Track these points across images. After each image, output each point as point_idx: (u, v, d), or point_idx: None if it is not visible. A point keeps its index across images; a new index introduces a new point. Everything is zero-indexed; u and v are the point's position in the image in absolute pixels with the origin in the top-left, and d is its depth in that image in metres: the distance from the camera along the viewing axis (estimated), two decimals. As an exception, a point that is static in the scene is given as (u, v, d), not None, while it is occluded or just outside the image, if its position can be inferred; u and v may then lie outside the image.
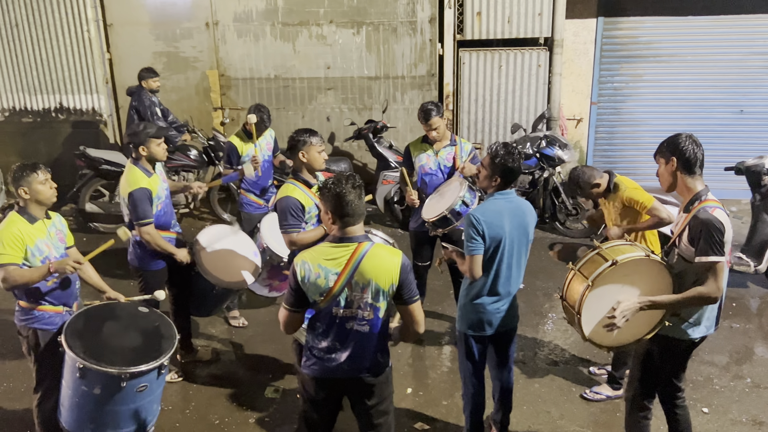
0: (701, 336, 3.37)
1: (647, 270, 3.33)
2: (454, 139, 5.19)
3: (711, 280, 3.10)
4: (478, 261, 3.55)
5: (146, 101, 7.35)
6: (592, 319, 3.41)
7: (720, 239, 3.08)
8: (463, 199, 4.61)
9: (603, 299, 3.34)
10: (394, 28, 8.08)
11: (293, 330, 3.13)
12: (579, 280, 3.45)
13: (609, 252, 3.42)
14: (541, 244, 7.19)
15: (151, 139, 4.38)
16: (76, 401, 3.55)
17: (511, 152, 3.56)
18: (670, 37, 8.18)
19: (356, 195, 2.93)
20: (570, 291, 3.51)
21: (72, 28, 8.49)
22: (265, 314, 5.79)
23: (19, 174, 3.59)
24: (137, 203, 4.29)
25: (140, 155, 4.39)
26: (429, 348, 5.27)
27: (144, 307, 3.95)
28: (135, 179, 4.34)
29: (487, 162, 3.61)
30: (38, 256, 3.61)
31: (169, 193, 4.67)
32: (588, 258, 3.50)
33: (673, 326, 3.36)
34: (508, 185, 3.62)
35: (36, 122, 8.88)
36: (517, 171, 3.59)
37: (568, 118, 8.46)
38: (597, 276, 3.32)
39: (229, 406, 4.56)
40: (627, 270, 3.32)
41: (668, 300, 3.21)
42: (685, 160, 3.23)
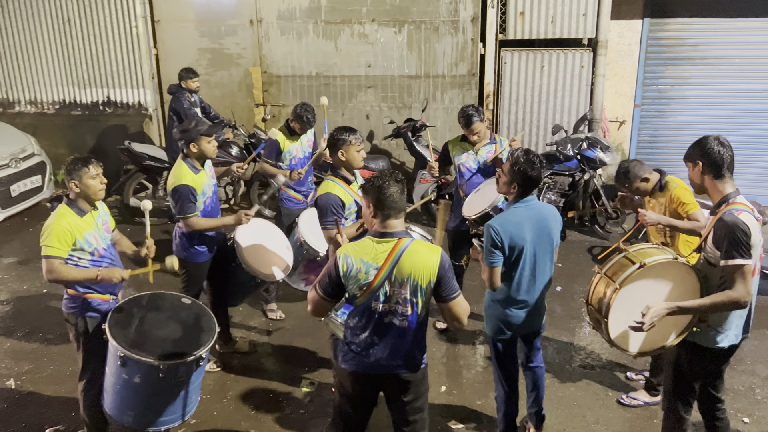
0: (730, 344, 3.31)
1: (675, 273, 3.30)
2: (494, 137, 5.20)
3: (739, 283, 3.05)
4: (497, 273, 3.55)
5: (185, 103, 7.44)
6: (618, 323, 3.39)
7: (746, 242, 3.02)
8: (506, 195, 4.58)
9: (630, 302, 3.31)
10: (436, 27, 8.08)
11: (320, 315, 3.19)
12: (605, 283, 3.43)
13: (636, 255, 3.39)
14: (579, 248, 7.12)
15: (203, 136, 4.48)
16: (118, 388, 3.66)
17: (531, 160, 3.54)
18: (718, 39, 7.99)
19: (398, 189, 2.98)
20: (596, 294, 3.50)
21: (121, 25, 8.72)
22: (302, 308, 5.85)
23: (72, 167, 3.68)
24: (179, 199, 4.42)
25: (191, 152, 4.49)
26: (463, 347, 5.27)
27: (187, 298, 4.03)
28: (180, 175, 4.45)
29: (507, 168, 3.60)
30: (87, 249, 3.71)
31: (216, 190, 4.77)
32: (615, 261, 3.47)
33: (701, 333, 3.31)
34: (527, 193, 3.60)
35: (84, 115, 9.15)
36: (536, 178, 3.57)
37: (610, 120, 8.34)
38: (624, 279, 3.30)
39: (265, 397, 4.64)
40: (655, 273, 3.30)
41: (696, 305, 3.17)
42: (711, 163, 3.18)
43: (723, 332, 3.27)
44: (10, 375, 4.90)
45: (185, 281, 4.72)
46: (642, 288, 3.32)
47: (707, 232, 3.25)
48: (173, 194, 4.44)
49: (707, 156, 3.18)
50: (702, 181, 3.25)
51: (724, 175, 3.19)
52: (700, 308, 3.17)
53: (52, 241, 3.61)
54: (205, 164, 4.63)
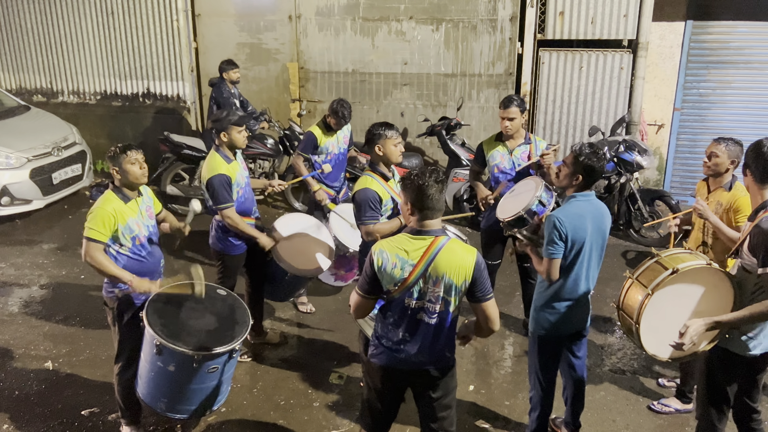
0: (763, 352, 3.24)
1: (708, 279, 3.25)
2: (529, 137, 5.11)
3: None
4: (556, 265, 3.51)
5: (225, 93, 7.58)
6: (651, 329, 3.35)
7: None
8: (540, 198, 4.51)
9: (663, 308, 3.28)
10: (474, 25, 8.05)
11: (362, 315, 3.19)
12: (637, 289, 3.38)
13: (669, 260, 3.34)
14: (613, 252, 7.03)
15: (233, 126, 4.54)
16: (152, 375, 3.73)
17: (596, 152, 3.52)
18: (763, 43, 7.79)
19: (438, 189, 2.97)
20: (627, 300, 3.45)
21: (162, 18, 8.88)
22: (332, 302, 5.91)
23: (116, 154, 3.76)
24: (216, 189, 4.47)
25: (222, 141, 4.56)
26: (493, 348, 5.26)
27: (222, 290, 4.09)
28: (215, 165, 4.52)
29: (571, 160, 3.56)
30: (128, 235, 3.79)
31: (249, 181, 4.83)
32: (647, 266, 3.43)
33: (733, 340, 3.25)
34: (589, 185, 3.57)
35: (124, 106, 9.34)
36: (600, 171, 3.53)
37: (649, 124, 8.21)
38: (657, 284, 3.25)
39: (295, 388, 4.69)
40: (688, 278, 3.25)
41: (734, 318, 3.09)
42: (757, 167, 3.13)
43: (755, 339, 3.22)
44: (49, 357, 5.04)
45: (221, 272, 4.79)
46: (674, 293, 3.28)
47: (743, 238, 3.19)
48: (208, 186, 4.50)
49: (756, 159, 3.14)
50: (746, 182, 3.20)
51: (766, 181, 3.13)
52: (738, 320, 3.10)
53: (96, 224, 3.70)
54: (236, 155, 4.69)
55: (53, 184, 7.84)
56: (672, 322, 3.17)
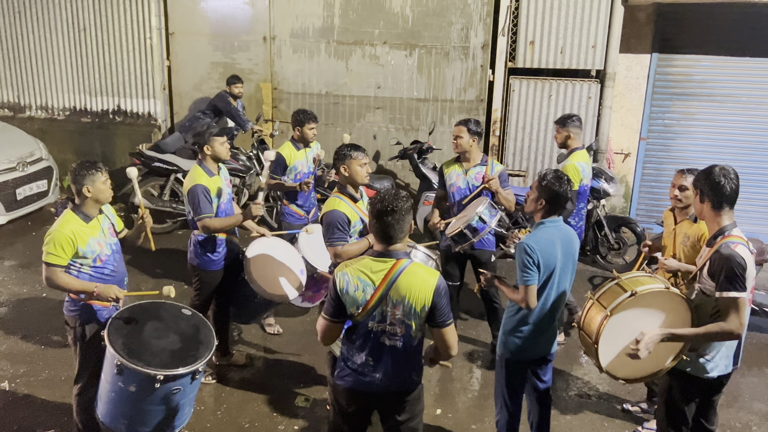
0: (720, 374, 3.32)
1: (666, 302, 3.32)
2: (486, 160, 5.21)
3: (733, 315, 3.06)
4: (533, 291, 3.51)
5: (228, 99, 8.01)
6: (609, 350, 3.41)
7: (741, 275, 3.05)
8: (481, 215, 4.65)
9: (621, 330, 3.34)
10: (447, 52, 8.17)
11: (331, 341, 3.17)
12: (597, 310, 3.45)
13: (628, 283, 3.42)
14: (580, 277, 7.09)
15: (215, 137, 4.54)
16: (113, 396, 3.64)
17: (560, 177, 3.57)
18: (725, 76, 8.06)
19: (397, 217, 2.93)
20: (588, 320, 3.51)
21: (135, 35, 8.84)
22: (299, 324, 5.86)
23: (84, 172, 3.70)
24: (195, 199, 4.46)
25: (205, 154, 4.55)
26: (461, 371, 5.25)
27: (187, 309, 4.03)
28: (195, 176, 4.53)
29: (535, 185, 3.62)
30: (89, 256, 3.73)
31: (232, 197, 4.81)
32: (607, 288, 3.50)
33: (691, 362, 3.32)
34: (553, 211, 3.61)
35: (93, 123, 9.23)
36: (563, 196, 3.57)
37: (615, 152, 8.38)
38: (615, 306, 3.32)
39: (260, 411, 4.62)
40: (646, 301, 3.32)
41: (690, 333, 3.19)
42: (711, 193, 3.20)
43: (712, 361, 3.29)
44: (5, 377, 4.89)
45: (197, 288, 4.76)
46: (633, 316, 3.35)
47: (702, 263, 3.27)
48: (189, 196, 4.49)
49: (709, 185, 3.21)
50: (702, 209, 3.28)
51: (722, 207, 3.21)
52: (694, 337, 3.20)
53: (54, 249, 3.63)
54: (220, 171, 4.68)
55: (17, 200, 7.69)
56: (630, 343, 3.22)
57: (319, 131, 8.16)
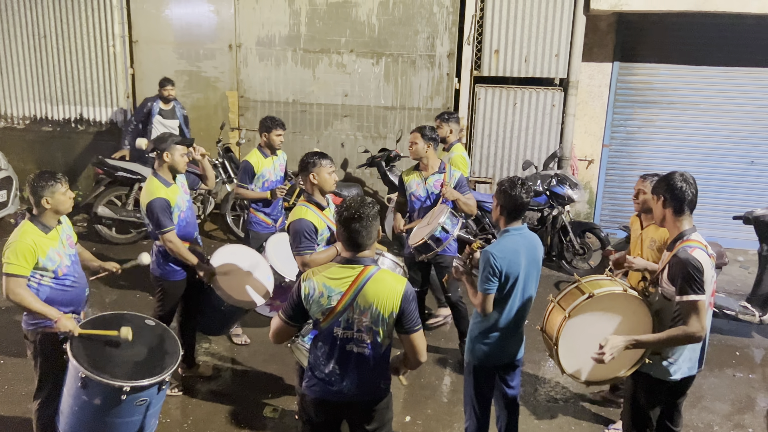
0: (683, 377, 3.38)
1: (624, 304, 3.39)
2: (444, 166, 5.26)
3: (693, 318, 3.13)
4: (490, 299, 3.55)
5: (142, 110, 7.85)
6: (569, 351, 3.48)
7: (699, 278, 3.12)
8: (443, 225, 4.69)
9: (580, 331, 3.40)
10: (413, 60, 8.23)
11: (281, 341, 3.17)
12: (557, 312, 3.51)
13: (587, 285, 3.49)
14: (546, 282, 7.19)
15: (176, 146, 4.48)
16: (76, 410, 3.56)
17: (514, 183, 3.59)
18: (684, 85, 8.27)
19: (364, 224, 2.94)
20: (549, 322, 3.59)
21: (98, 43, 8.71)
22: (267, 334, 5.76)
23: (44, 183, 3.62)
24: (156, 213, 4.38)
25: (163, 162, 4.48)
26: (430, 379, 5.27)
27: (151, 320, 3.97)
28: (153, 189, 4.43)
29: (495, 193, 3.67)
30: (50, 267, 3.65)
31: (191, 205, 4.75)
32: (567, 291, 3.58)
33: (655, 365, 3.39)
34: (514, 218, 3.64)
35: (55, 132, 9.05)
36: (520, 203, 3.59)
37: (579, 159, 8.53)
38: (573, 308, 3.38)
39: (227, 422, 4.56)
40: (603, 304, 3.39)
41: (653, 339, 3.25)
42: (672, 198, 3.28)
43: (675, 364, 3.35)
44: (-38, 393, 4.76)
45: (160, 299, 4.68)
46: (591, 317, 3.41)
47: (662, 267, 3.35)
48: (148, 211, 4.40)
49: (670, 191, 3.28)
50: (663, 214, 3.35)
51: (683, 212, 3.29)
52: (656, 342, 3.26)
53: (15, 259, 3.54)
54: (176, 178, 4.61)
55: (-25, 210, 7.48)
56: (591, 344, 3.28)
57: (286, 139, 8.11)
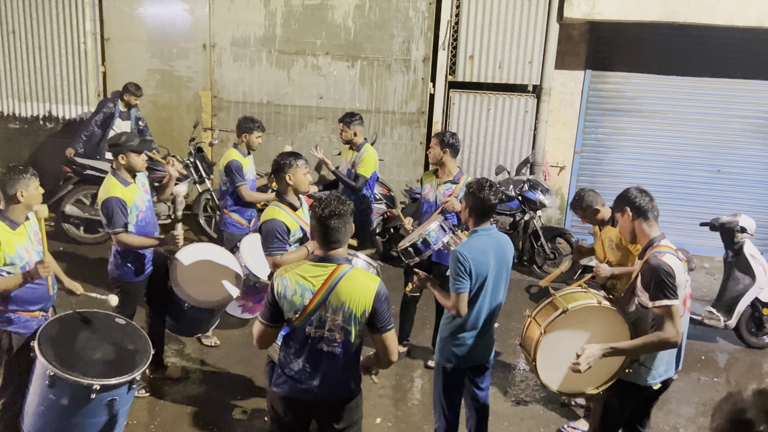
0: (661, 381, 3.43)
1: (599, 316, 3.43)
2: (459, 177, 5.14)
3: (668, 323, 3.17)
4: (464, 299, 3.56)
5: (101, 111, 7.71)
6: (547, 366, 3.50)
7: (671, 282, 3.16)
8: (426, 236, 4.59)
9: (556, 346, 3.43)
10: (389, 64, 8.25)
11: (265, 345, 3.14)
12: (534, 327, 3.54)
13: (562, 300, 3.51)
14: (518, 287, 7.26)
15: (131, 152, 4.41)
16: (42, 409, 3.50)
17: (482, 186, 3.62)
18: (654, 94, 8.43)
19: (338, 222, 2.93)
20: (526, 338, 3.61)
21: (69, 40, 8.56)
22: (238, 335, 5.76)
23: (18, 177, 3.55)
24: (109, 212, 4.32)
25: (120, 164, 4.42)
26: (401, 380, 5.27)
27: (121, 319, 3.92)
28: (109, 188, 4.37)
29: (465, 195, 3.70)
30: (18, 263, 3.58)
31: (152, 204, 4.68)
32: (543, 306, 3.60)
33: (633, 372, 3.42)
34: (482, 219, 3.67)
35: (23, 129, 8.87)
36: (487, 204, 3.62)
37: (551, 165, 8.63)
38: (549, 324, 3.41)
39: (195, 425, 4.51)
40: (579, 317, 3.42)
41: (629, 346, 3.27)
42: (637, 208, 3.37)
43: (654, 369, 3.38)
44: None
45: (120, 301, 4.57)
46: (567, 332, 3.44)
47: (635, 276, 3.39)
48: (103, 208, 4.35)
49: (632, 203, 3.38)
50: (632, 227, 3.41)
51: (649, 219, 3.37)
52: (633, 349, 3.27)
53: None
54: (136, 178, 4.54)
55: (-63, 208, 7.28)
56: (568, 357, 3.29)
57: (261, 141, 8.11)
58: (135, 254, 4.52)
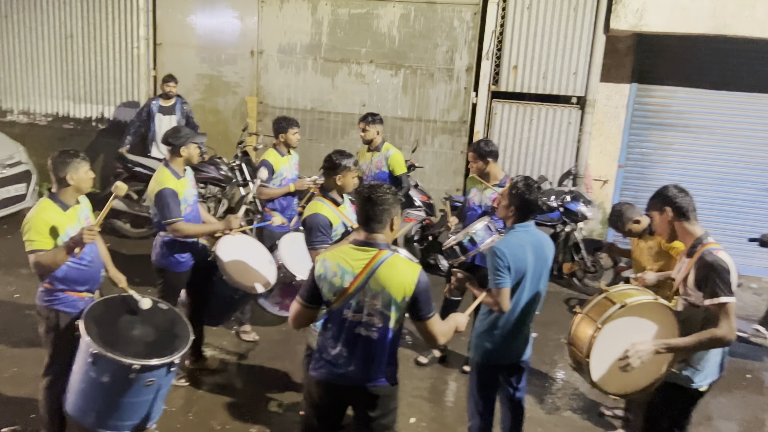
0: (707, 383, 3.34)
1: (656, 314, 3.34)
2: (506, 182, 5.07)
3: (723, 321, 3.10)
4: (505, 294, 3.51)
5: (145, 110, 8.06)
6: (600, 363, 3.38)
7: (727, 279, 3.10)
8: (473, 235, 4.55)
9: (613, 343, 3.32)
10: (432, 73, 8.31)
11: (300, 325, 3.18)
12: (587, 324, 3.43)
13: (617, 295, 3.42)
14: (556, 299, 7.16)
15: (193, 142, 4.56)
16: (83, 387, 3.58)
17: (529, 185, 3.60)
18: (702, 108, 8.27)
19: (378, 202, 2.98)
20: (577, 335, 3.49)
21: (123, 45, 8.88)
22: (275, 332, 5.82)
23: (69, 159, 3.68)
24: (164, 202, 4.41)
25: (179, 156, 4.54)
26: (436, 382, 5.24)
27: (164, 304, 4.00)
28: (162, 179, 4.48)
29: (506, 192, 3.67)
30: None
31: (197, 200, 4.79)
32: (595, 302, 3.50)
33: (679, 373, 3.34)
34: (524, 217, 3.64)
35: (76, 129, 9.20)
36: (533, 203, 3.60)
37: (594, 179, 8.52)
38: (606, 318, 3.31)
39: (231, 414, 4.56)
40: (636, 313, 3.33)
41: (683, 343, 3.19)
42: (677, 208, 3.31)
43: (702, 370, 3.30)
44: (-29, 373, 4.79)
45: (162, 290, 4.68)
46: (623, 327, 3.33)
47: (685, 274, 3.32)
48: (156, 199, 4.44)
49: (673, 203, 3.32)
50: (671, 226, 3.35)
51: (690, 218, 3.30)
52: (686, 346, 3.19)
53: (35, 235, 3.58)
54: (186, 172, 4.66)
55: (-6, 201, 7.59)
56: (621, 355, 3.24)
57: (303, 146, 8.21)
58: (181, 245, 4.61)
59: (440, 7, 8.13)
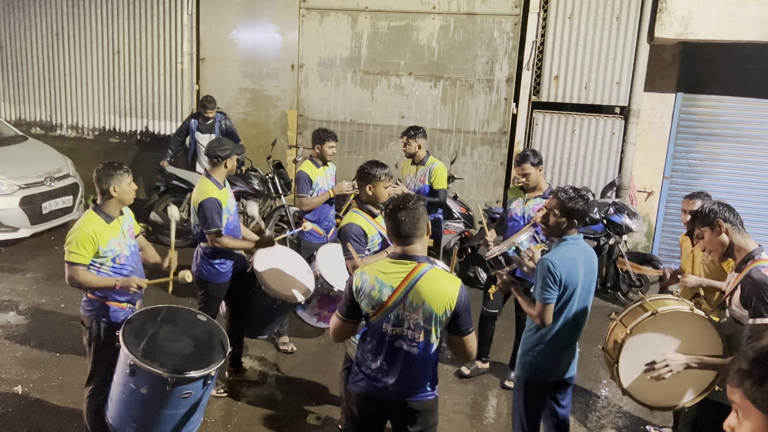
0: None
1: (690, 325, 3.25)
2: (550, 192, 5.05)
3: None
4: (550, 309, 3.43)
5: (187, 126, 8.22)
6: (630, 370, 3.34)
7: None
8: (518, 245, 4.51)
9: (642, 350, 3.26)
10: (471, 84, 8.25)
11: (340, 339, 3.15)
12: (619, 330, 3.41)
13: (652, 303, 3.39)
14: (600, 313, 6.97)
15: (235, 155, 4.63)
16: (123, 398, 3.62)
17: (580, 194, 3.49)
18: (751, 118, 8.01)
19: (408, 214, 2.95)
20: (610, 340, 3.49)
21: (167, 60, 9.09)
22: (314, 344, 5.81)
23: (112, 172, 3.76)
24: (207, 212, 4.46)
25: (221, 168, 4.60)
26: (476, 398, 5.15)
27: (203, 315, 4.03)
28: (206, 189, 4.53)
29: (555, 203, 3.54)
30: (110, 255, 3.76)
31: (237, 210, 4.83)
32: (631, 308, 3.48)
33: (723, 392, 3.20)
34: (574, 228, 3.54)
35: (121, 143, 9.43)
36: (584, 212, 3.50)
37: (638, 190, 8.32)
38: (636, 325, 3.27)
39: (270, 427, 4.55)
40: (668, 322, 3.27)
41: (719, 362, 3.06)
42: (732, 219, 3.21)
43: None
44: (19, 381, 4.89)
45: (203, 301, 4.72)
46: (654, 336, 3.28)
47: (731, 289, 3.20)
48: (200, 209, 4.49)
49: (723, 216, 3.20)
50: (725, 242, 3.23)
51: (742, 229, 3.19)
52: (723, 366, 3.07)
53: (76, 248, 3.67)
54: (225, 184, 4.72)
55: (42, 213, 7.80)
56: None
57: (342, 159, 8.27)
58: (222, 255, 4.65)
59: (480, 18, 8.08)
